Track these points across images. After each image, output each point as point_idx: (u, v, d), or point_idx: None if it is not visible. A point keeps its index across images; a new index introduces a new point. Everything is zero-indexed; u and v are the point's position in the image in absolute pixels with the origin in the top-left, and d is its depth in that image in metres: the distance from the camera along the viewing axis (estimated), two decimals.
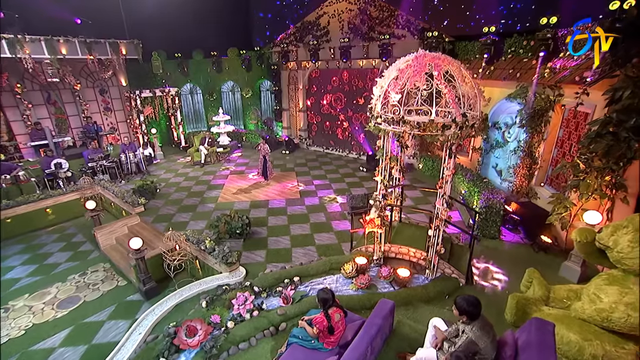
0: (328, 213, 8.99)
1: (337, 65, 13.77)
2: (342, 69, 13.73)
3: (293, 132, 16.50)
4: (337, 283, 5.98)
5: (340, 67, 13.73)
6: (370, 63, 12.87)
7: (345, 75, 13.85)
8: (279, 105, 16.30)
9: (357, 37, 12.49)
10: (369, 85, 13.27)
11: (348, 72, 13.71)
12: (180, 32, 15.03)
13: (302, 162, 13.71)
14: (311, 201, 9.78)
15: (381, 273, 5.99)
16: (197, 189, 10.95)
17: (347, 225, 8.27)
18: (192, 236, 6.93)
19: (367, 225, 6.22)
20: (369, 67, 13.00)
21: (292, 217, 8.76)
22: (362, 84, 13.48)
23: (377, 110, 5.44)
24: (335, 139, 15.16)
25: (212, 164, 13.38)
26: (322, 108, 15.22)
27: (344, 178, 11.70)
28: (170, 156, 14.68)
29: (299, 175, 11.95)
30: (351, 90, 13.93)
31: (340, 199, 9.90)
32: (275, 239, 7.72)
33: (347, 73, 13.75)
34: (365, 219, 6.24)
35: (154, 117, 14.60)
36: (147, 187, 9.84)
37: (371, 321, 3.77)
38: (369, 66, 12.97)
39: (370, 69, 13.02)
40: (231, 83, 17.07)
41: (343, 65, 13.56)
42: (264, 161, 10.88)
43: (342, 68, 13.69)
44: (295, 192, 10.51)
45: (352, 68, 13.52)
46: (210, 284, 5.98)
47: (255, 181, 11.46)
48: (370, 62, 12.83)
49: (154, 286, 6.26)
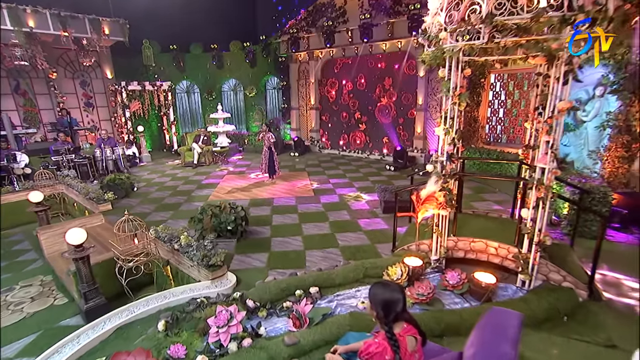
0: (353, 211, 7.06)
1: (355, 52, 12.27)
2: (362, 55, 12.18)
3: (303, 133, 14.94)
4: None
5: (359, 52, 12.21)
6: (395, 45, 11.31)
7: (365, 62, 12.28)
8: (287, 104, 14.86)
9: (380, 12, 11.00)
10: (394, 73, 11.65)
11: (369, 58, 12.15)
12: (176, 21, 13.94)
13: (314, 163, 11.99)
14: (329, 199, 7.89)
15: (446, 280, 3.96)
16: (184, 188, 9.17)
17: (380, 224, 6.30)
18: (164, 233, 5.03)
19: (422, 206, 4.25)
20: (394, 51, 11.43)
21: (304, 216, 6.83)
22: (386, 72, 11.86)
23: (440, 22, 3.70)
24: (353, 138, 13.41)
25: (207, 165, 11.72)
26: (337, 104, 13.63)
27: (368, 177, 9.85)
28: (159, 159, 13.14)
29: (311, 175, 10.17)
30: (372, 80, 12.33)
31: (366, 197, 7.99)
32: (282, 239, 5.76)
33: (368, 60, 12.19)
34: (419, 196, 4.28)
35: (142, 114, 13.16)
36: (120, 183, 8.07)
37: (490, 351, 1.76)
38: (394, 49, 11.40)
39: (395, 52, 11.45)
40: (233, 81, 15.85)
41: (362, 51, 12.03)
42: (269, 154, 9.08)
43: (362, 54, 12.14)
44: (308, 190, 8.64)
45: (373, 53, 11.99)
46: (180, 296, 4.00)
47: (258, 180, 9.65)
48: (395, 44, 11.27)
49: (101, 304, 4.33)
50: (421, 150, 11.28)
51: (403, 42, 11.04)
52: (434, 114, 11.03)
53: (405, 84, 11.43)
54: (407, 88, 11.43)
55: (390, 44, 11.47)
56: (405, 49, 11.06)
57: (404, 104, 11.66)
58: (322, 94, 14.02)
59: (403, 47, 11.12)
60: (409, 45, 10.85)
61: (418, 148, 11.35)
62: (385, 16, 10.93)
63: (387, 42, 11.41)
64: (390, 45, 11.49)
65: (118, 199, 7.98)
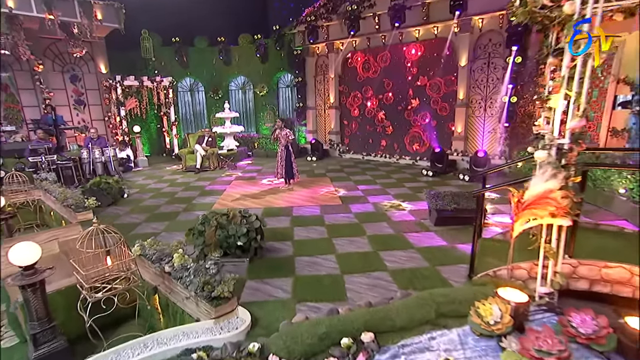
0: (395, 223, 5.86)
1: (382, 41, 11.24)
2: (391, 45, 11.12)
3: (320, 135, 13.96)
4: (466, 348, 2.74)
5: (387, 42, 11.16)
6: (430, 31, 10.24)
7: (394, 52, 11.22)
8: (303, 102, 13.88)
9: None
10: (429, 64, 10.54)
11: (400, 48, 11.08)
12: (178, 11, 13.23)
13: (336, 168, 10.91)
14: (361, 208, 6.72)
15: (571, 326, 2.69)
16: (184, 194, 8.10)
17: (434, 240, 5.10)
18: (152, 249, 3.91)
19: (524, 212, 3.04)
20: (429, 38, 10.36)
21: (334, 228, 5.65)
22: (419, 63, 10.76)
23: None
24: (379, 140, 12.27)
25: (212, 170, 10.70)
26: (361, 102, 12.57)
27: (403, 183, 8.69)
28: (157, 164, 12.18)
29: (335, 181, 9.04)
30: (402, 73, 11.26)
31: (408, 205, 6.81)
32: (310, 259, 4.57)
33: (398, 50, 11.12)
34: (520, 198, 3.06)
35: (139, 113, 12.29)
36: (106, 187, 7.01)
37: None
38: (429, 36, 10.33)
39: (430, 40, 10.37)
40: (242, 78, 15.09)
41: (392, 39, 10.98)
42: (286, 154, 7.98)
43: (391, 44, 11.09)
44: (334, 197, 7.48)
45: (404, 42, 10.93)
46: (169, 344, 2.81)
47: (272, 187, 8.54)
48: (431, 30, 10.20)
49: (59, 349, 3.24)
50: (462, 152, 10.07)
51: (440, 27, 9.98)
52: (476, 110, 9.85)
53: (443, 76, 10.28)
54: (445, 81, 10.27)
55: (425, 30, 10.41)
56: (443, 35, 9.97)
57: (441, 99, 10.50)
58: (343, 91, 13.00)
59: (440, 33, 10.03)
60: (449, 32, 9.73)
61: (458, 150, 10.14)
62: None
63: (421, 27, 10.36)
64: (425, 32, 10.43)
65: (102, 206, 6.93)
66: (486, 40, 9.35)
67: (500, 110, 8.90)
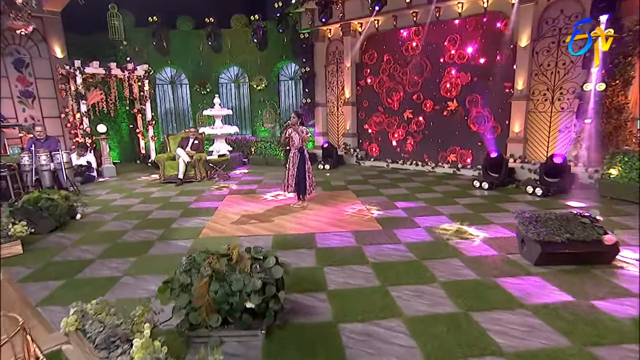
0: (471, 260, 4.45)
1: (413, 19, 10.00)
2: (423, 25, 9.86)
3: (332, 138, 12.85)
4: None
5: (417, 21, 9.94)
6: (478, 4, 8.98)
7: (428, 33, 9.97)
8: (311, 98, 12.71)
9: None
10: (475, 46, 9.26)
11: (436, 27, 9.82)
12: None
13: (357, 179, 9.66)
14: (412, 235, 5.31)
15: None
16: (161, 215, 6.66)
17: (548, 291, 3.69)
18: (97, 321, 2.44)
19: None
20: (476, 13, 9.12)
21: (384, 269, 4.24)
22: (462, 45, 9.49)
23: None
24: (407, 144, 10.95)
25: (198, 181, 9.45)
26: (386, 97, 11.31)
27: (452, 198, 7.37)
28: (129, 174, 10.89)
29: (361, 196, 7.68)
30: (438, 59, 10.01)
31: (477, 231, 5.40)
32: (363, 327, 3.14)
33: (435, 30, 9.86)
34: None
35: (105, 110, 11.09)
36: (48, 206, 5.51)
37: None
38: (475, 10, 9.08)
39: (476, 16, 9.14)
40: (235, 69, 14.07)
41: (424, 17, 9.72)
42: (300, 160, 6.64)
43: (423, 23, 9.82)
44: (368, 220, 6.06)
45: (440, 20, 9.67)
46: None
47: (278, 204, 7.15)
48: (479, 3, 8.93)
49: None
50: (520, 158, 8.70)
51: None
52: (540, 103, 8.53)
53: (494, 61, 8.97)
54: (497, 68, 8.94)
55: (469, 3, 9.13)
56: (495, 8, 8.71)
57: (491, 91, 9.18)
58: (362, 83, 11.79)
59: (492, 6, 8.76)
60: (504, 3, 8.46)
61: (515, 156, 8.77)
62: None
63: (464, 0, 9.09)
64: (470, 5, 9.17)
65: (42, 233, 5.44)
66: (556, 12, 8.05)
67: (581, 103, 7.55)
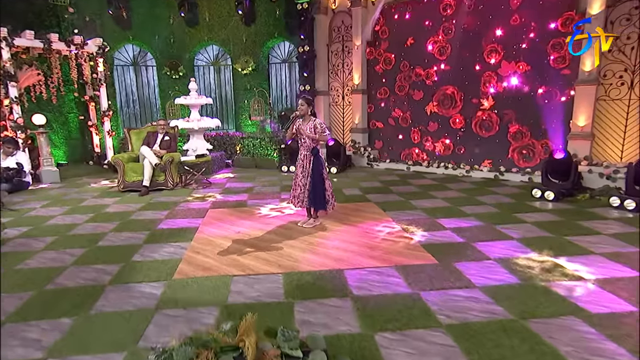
0: (600, 320, 3.29)
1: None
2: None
3: (337, 134, 12.37)
4: None
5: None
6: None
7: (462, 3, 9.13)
8: (310, 84, 11.97)
9: None
10: (524, 20, 8.41)
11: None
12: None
13: (375, 186, 8.80)
14: (485, 273, 4.20)
15: None
16: (116, 240, 5.46)
17: None
18: None
19: None
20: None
21: (468, 337, 3.05)
22: (504, 17, 8.60)
23: None
24: (433, 142, 10.10)
25: (170, 189, 8.61)
26: (407, 83, 10.47)
27: (512, 214, 6.34)
28: (78, 179, 9.99)
29: (389, 210, 6.63)
30: (472, 39, 9.15)
31: (578, 266, 4.26)
32: None
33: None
34: None
35: (44, 94, 10.13)
36: None
37: None
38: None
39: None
40: (215, 48, 13.54)
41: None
42: (314, 165, 5.57)
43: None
44: (413, 247, 4.91)
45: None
46: None
47: (281, 221, 6.06)
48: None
49: None
50: (587, 160, 7.73)
51: None
52: (614, 89, 7.61)
53: (552, 37, 8.06)
54: (556, 45, 7.99)
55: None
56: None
57: (546, 75, 8.27)
58: (376, 68, 11.00)
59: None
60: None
61: (579, 156, 7.79)
62: None
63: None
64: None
65: None
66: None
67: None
